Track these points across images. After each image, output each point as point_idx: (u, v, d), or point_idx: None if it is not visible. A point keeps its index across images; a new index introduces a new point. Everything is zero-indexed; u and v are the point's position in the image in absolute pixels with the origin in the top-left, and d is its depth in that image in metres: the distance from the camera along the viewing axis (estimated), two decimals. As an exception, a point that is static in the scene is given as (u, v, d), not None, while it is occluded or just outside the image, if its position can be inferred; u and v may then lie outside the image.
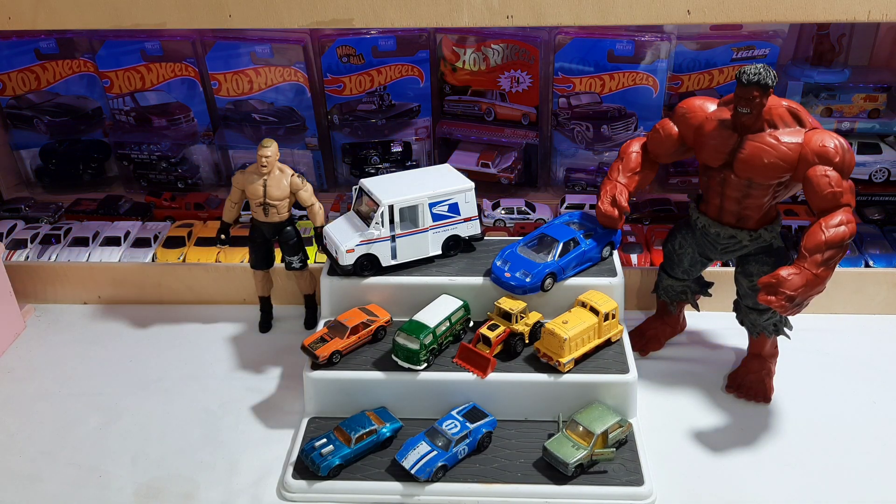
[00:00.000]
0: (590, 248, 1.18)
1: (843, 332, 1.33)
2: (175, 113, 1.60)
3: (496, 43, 1.50)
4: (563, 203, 1.56)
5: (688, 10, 1.14)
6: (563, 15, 1.15)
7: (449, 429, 1.04)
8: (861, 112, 1.50)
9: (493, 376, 1.09)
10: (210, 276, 1.44)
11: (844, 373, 1.25)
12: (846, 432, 1.13)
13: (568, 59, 1.48)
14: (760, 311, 1.14)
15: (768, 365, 1.19)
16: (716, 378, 1.24)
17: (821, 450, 1.10)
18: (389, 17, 1.18)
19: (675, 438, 1.13)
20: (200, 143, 1.64)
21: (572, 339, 1.07)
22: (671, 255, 1.21)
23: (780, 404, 1.18)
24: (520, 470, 1.03)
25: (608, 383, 1.09)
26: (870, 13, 1.12)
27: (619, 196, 1.15)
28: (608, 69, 1.47)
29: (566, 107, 1.53)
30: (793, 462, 1.08)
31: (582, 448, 1.01)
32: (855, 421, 1.15)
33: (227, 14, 1.22)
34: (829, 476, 1.06)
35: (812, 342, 1.30)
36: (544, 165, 1.63)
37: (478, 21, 1.17)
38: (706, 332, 1.34)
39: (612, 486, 1.01)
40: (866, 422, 1.15)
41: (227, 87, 1.56)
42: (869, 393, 1.20)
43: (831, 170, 0.99)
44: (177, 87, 1.58)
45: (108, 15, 1.23)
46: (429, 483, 1.01)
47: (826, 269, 0.98)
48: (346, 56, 1.51)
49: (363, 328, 1.14)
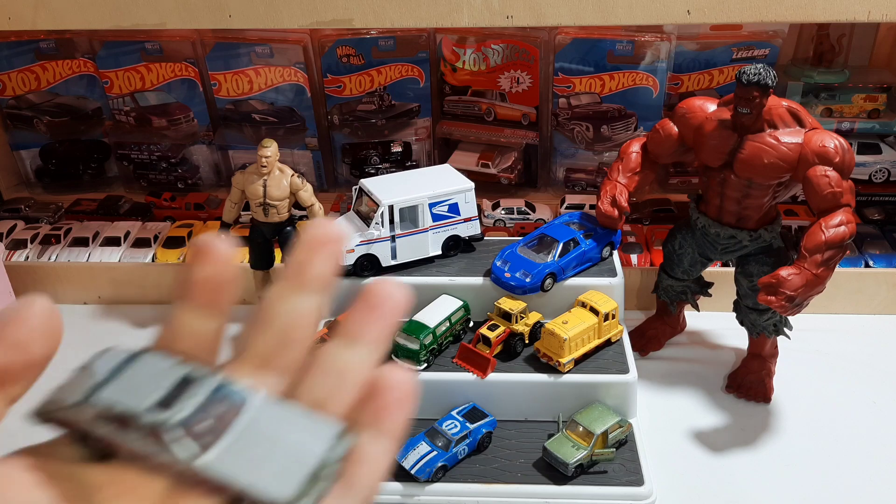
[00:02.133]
0: (590, 248, 1.18)
1: (843, 332, 1.33)
2: (175, 113, 1.60)
3: (496, 43, 1.50)
4: (563, 203, 1.56)
5: (688, 11, 1.14)
6: (563, 15, 1.15)
7: (449, 429, 1.04)
8: (861, 112, 1.50)
9: (492, 376, 1.08)
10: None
11: (844, 373, 1.24)
12: (846, 432, 1.13)
13: (568, 59, 1.47)
14: (760, 312, 1.14)
15: (768, 365, 1.19)
16: (716, 378, 1.24)
17: (821, 450, 1.10)
18: (389, 18, 1.18)
19: (675, 438, 1.12)
20: (200, 143, 1.63)
21: (572, 339, 1.06)
22: (671, 256, 1.21)
23: (781, 404, 1.18)
24: (520, 470, 1.03)
25: (608, 383, 1.08)
26: (870, 13, 1.12)
27: (619, 196, 1.15)
28: (608, 69, 1.47)
29: (566, 107, 1.53)
30: (793, 462, 1.08)
31: (582, 448, 1.01)
32: (855, 421, 1.15)
33: (227, 14, 1.21)
34: (829, 476, 1.06)
35: (812, 342, 1.30)
36: (544, 166, 1.63)
37: (478, 21, 1.17)
38: (706, 332, 1.34)
39: (612, 487, 1.00)
40: (866, 422, 1.15)
41: (227, 88, 1.55)
42: (869, 393, 1.20)
43: (831, 170, 0.99)
44: (177, 88, 1.58)
45: (108, 15, 1.23)
46: (429, 483, 1.01)
47: (826, 269, 0.97)
48: (346, 56, 1.51)
49: (363, 328, 1.14)
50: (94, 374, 0.32)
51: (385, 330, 0.35)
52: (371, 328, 0.34)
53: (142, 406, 0.30)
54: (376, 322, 0.34)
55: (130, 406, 0.30)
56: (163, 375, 0.31)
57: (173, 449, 0.29)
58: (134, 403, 0.30)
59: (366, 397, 0.33)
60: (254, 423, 0.31)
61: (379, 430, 0.33)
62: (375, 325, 0.34)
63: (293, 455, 0.30)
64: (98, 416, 0.30)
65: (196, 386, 0.31)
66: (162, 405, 0.30)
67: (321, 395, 0.33)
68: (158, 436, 0.29)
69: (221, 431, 0.30)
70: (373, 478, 0.32)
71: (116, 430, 0.30)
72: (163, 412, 0.30)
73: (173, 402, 0.30)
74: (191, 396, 0.30)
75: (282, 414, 0.32)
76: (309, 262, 0.35)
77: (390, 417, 0.33)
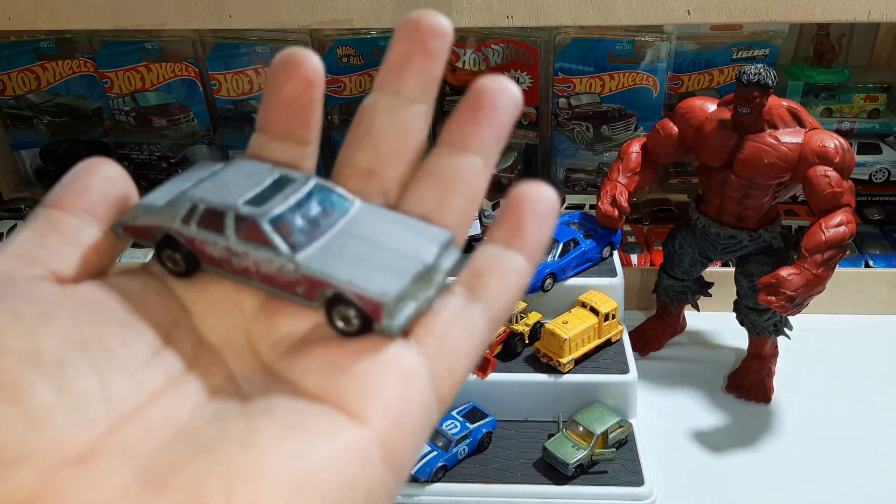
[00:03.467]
0: (590, 248, 1.18)
1: (843, 332, 1.33)
2: (175, 113, 1.60)
3: (496, 43, 1.50)
4: (563, 203, 1.55)
5: (688, 11, 1.14)
6: (564, 15, 1.15)
7: (449, 429, 1.03)
8: (861, 112, 1.50)
9: (492, 376, 1.08)
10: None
11: (844, 373, 1.24)
12: (846, 432, 1.13)
13: (568, 59, 1.47)
14: (760, 312, 1.14)
15: (768, 365, 1.19)
16: (716, 378, 1.23)
17: (821, 450, 1.10)
18: (389, 18, 1.18)
19: (675, 438, 1.12)
20: (200, 143, 1.63)
21: (572, 339, 1.06)
22: (671, 256, 1.21)
23: (781, 404, 1.18)
24: (520, 470, 1.03)
25: (608, 383, 1.08)
26: (870, 13, 1.12)
27: (619, 196, 1.15)
28: (608, 69, 1.47)
29: (566, 107, 1.52)
30: (793, 462, 1.08)
31: (582, 448, 1.01)
32: (855, 421, 1.15)
33: (227, 14, 1.21)
34: (829, 476, 1.06)
35: (812, 342, 1.30)
36: (544, 166, 1.62)
37: (478, 21, 1.17)
38: (706, 333, 1.34)
39: (613, 487, 1.00)
40: (867, 422, 1.15)
41: (227, 88, 1.55)
42: (869, 393, 1.20)
43: (831, 170, 0.99)
44: (177, 88, 1.58)
45: (108, 15, 1.23)
46: (429, 483, 1.01)
47: (826, 269, 0.97)
48: (346, 56, 1.51)
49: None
50: (183, 181, 0.31)
51: (497, 133, 0.30)
52: (480, 133, 0.30)
53: (235, 201, 0.28)
54: (486, 125, 0.30)
55: (223, 200, 0.28)
56: (257, 176, 0.30)
57: (269, 242, 0.27)
58: (226, 198, 0.28)
59: (502, 212, 0.29)
60: (352, 225, 0.29)
61: (514, 245, 0.29)
62: (485, 129, 0.30)
63: (395, 257, 0.28)
64: (186, 214, 0.28)
65: (293, 186, 0.29)
66: (256, 202, 0.28)
67: (428, 206, 0.30)
68: (252, 230, 0.27)
69: (318, 232, 0.28)
70: (505, 294, 0.28)
71: (206, 231, 0.28)
72: (257, 207, 0.28)
73: (268, 200, 0.28)
74: (287, 195, 0.29)
75: (383, 220, 0.29)
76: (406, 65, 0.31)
77: (527, 232, 0.28)
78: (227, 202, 0.28)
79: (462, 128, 0.30)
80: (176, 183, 0.32)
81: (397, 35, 0.31)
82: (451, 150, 0.30)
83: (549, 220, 0.29)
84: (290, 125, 0.31)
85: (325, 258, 0.27)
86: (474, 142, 0.30)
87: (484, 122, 0.30)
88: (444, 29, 0.30)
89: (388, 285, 0.26)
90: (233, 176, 0.30)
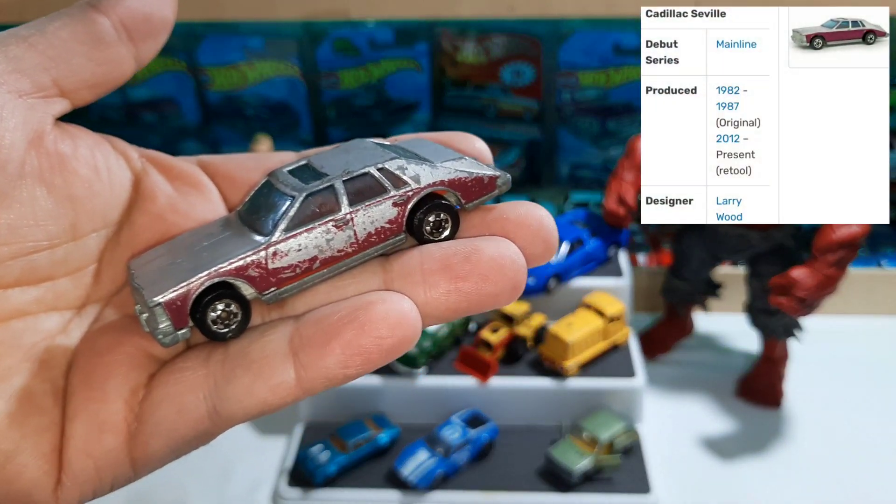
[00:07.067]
0: (595, 247, 1.16)
1: (855, 333, 1.30)
2: (165, 108, 1.58)
3: (498, 36, 1.48)
4: (567, 200, 1.54)
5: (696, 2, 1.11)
6: (568, 4, 1.12)
7: (449, 435, 1.01)
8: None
9: (494, 381, 1.06)
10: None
11: (857, 376, 1.22)
12: (860, 438, 1.10)
13: (572, 52, 1.45)
14: (771, 313, 1.11)
15: (779, 368, 1.17)
16: (725, 382, 1.21)
17: (834, 456, 1.07)
18: (386, 8, 1.15)
19: (682, 445, 1.10)
20: (192, 139, 1.62)
21: (577, 342, 1.04)
22: (679, 256, 1.19)
23: (792, 409, 1.15)
24: (523, 477, 1.01)
25: (614, 388, 1.06)
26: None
27: (626, 194, 1.12)
28: (614, 63, 1.45)
29: (570, 101, 1.51)
30: (805, 469, 1.05)
31: (587, 455, 0.99)
32: (869, 426, 1.12)
33: (220, 5, 1.19)
34: (843, 484, 1.03)
35: (824, 344, 1.27)
36: (548, 161, 1.61)
37: (478, 11, 1.14)
38: (715, 335, 1.32)
39: (618, 494, 0.98)
40: (881, 427, 1.12)
41: (220, 82, 1.53)
42: (883, 397, 1.17)
43: (846, 167, 0.96)
44: (168, 82, 1.55)
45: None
46: (428, 491, 0.99)
47: (838, 269, 0.95)
48: (342, 49, 1.49)
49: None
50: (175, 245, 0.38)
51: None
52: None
53: (334, 173, 0.39)
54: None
55: (323, 178, 0.38)
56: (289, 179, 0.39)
57: (383, 186, 0.38)
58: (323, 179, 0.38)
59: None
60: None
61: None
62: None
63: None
64: (294, 215, 0.36)
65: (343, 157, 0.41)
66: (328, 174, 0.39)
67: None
68: (365, 180, 0.38)
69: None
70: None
71: (312, 220, 0.36)
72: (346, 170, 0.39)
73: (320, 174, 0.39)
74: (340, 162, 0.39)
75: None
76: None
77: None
78: (329, 178, 0.36)
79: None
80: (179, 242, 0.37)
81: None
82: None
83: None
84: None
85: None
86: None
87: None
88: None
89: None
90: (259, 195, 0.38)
